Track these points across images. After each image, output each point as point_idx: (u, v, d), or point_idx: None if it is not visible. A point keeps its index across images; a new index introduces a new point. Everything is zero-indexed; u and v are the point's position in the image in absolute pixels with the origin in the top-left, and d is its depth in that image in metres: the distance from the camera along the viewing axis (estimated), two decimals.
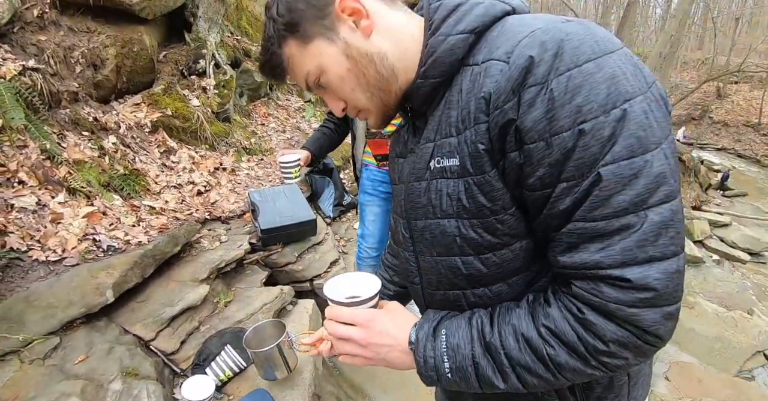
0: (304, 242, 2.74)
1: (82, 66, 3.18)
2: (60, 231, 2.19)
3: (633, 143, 0.51)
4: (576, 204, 0.54)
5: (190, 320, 2.01)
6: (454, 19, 0.65)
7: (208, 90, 3.78)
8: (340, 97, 0.73)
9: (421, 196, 0.72)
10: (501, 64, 0.57)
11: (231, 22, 4.93)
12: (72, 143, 2.71)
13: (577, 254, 0.56)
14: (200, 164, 3.28)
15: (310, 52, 0.69)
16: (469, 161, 0.62)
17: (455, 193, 0.66)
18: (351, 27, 0.67)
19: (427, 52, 0.67)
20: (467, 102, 0.62)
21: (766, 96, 19.05)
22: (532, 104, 0.54)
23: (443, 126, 0.67)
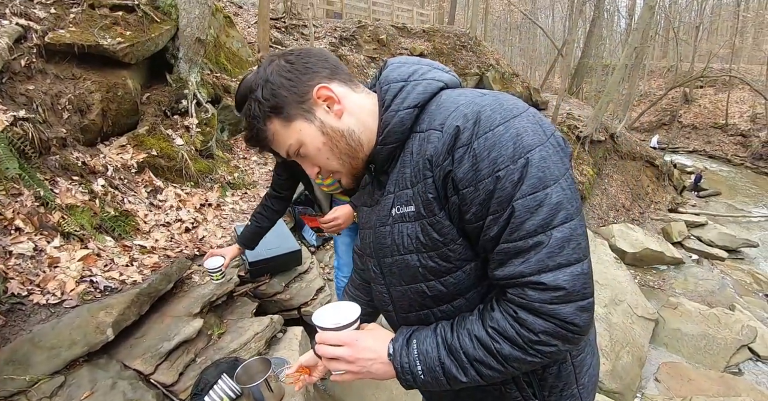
0: (290, 272, 2.88)
1: (69, 112, 3.32)
2: (58, 275, 2.31)
3: (535, 182, 0.69)
4: (500, 230, 0.72)
5: (186, 352, 2.14)
6: (401, 97, 0.82)
7: (190, 129, 3.95)
8: (316, 164, 0.89)
9: (387, 237, 0.89)
10: (437, 133, 0.75)
11: (210, 59, 5.11)
12: (64, 189, 2.84)
13: (506, 268, 0.73)
14: (186, 201, 3.43)
15: (291, 129, 0.84)
16: (423, 207, 0.79)
17: (414, 233, 0.83)
18: (325, 110, 0.84)
19: (383, 124, 0.83)
20: (417, 162, 0.79)
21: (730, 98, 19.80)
22: (461, 160, 0.72)
23: (400, 180, 0.84)
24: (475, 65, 13.17)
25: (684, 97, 21.62)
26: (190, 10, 4.26)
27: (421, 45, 12.90)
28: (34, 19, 3.44)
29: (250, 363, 1.87)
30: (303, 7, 12.62)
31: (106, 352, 2.04)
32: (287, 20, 11.01)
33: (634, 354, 4.74)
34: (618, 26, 30.74)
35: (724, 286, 7.80)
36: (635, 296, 5.69)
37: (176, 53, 4.27)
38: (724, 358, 5.30)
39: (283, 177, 2.16)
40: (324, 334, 0.88)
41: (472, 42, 13.80)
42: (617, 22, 30.21)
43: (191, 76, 4.28)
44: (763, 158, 16.89)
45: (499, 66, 13.82)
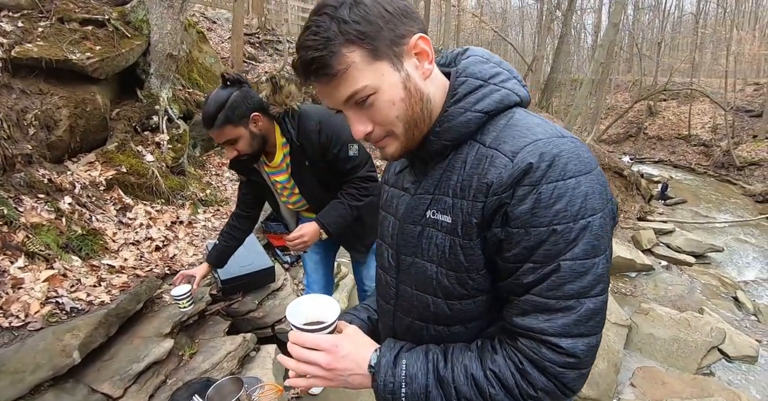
0: (264, 289, 2.86)
1: (35, 128, 3.25)
2: (22, 296, 2.24)
3: (588, 249, 0.67)
4: (536, 282, 0.69)
5: (156, 374, 2.09)
6: (475, 97, 0.76)
7: (161, 145, 3.90)
8: (376, 121, 0.76)
9: (415, 238, 0.83)
10: (506, 160, 0.70)
11: (182, 75, 5.08)
12: (29, 207, 2.77)
13: (528, 319, 0.70)
14: (157, 219, 3.37)
15: (373, 69, 0.71)
16: (460, 226, 0.74)
17: (441, 245, 0.78)
18: (415, 64, 0.74)
19: (446, 116, 0.76)
20: (470, 176, 0.74)
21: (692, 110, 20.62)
22: (523, 199, 0.67)
23: (442, 184, 0.78)
24: None
25: (649, 110, 22.41)
26: (161, 26, 4.24)
27: None
28: (0, 33, 3.37)
29: (222, 383, 1.85)
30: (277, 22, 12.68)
31: (73, 376, 1.97)
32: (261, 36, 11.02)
33: (610, 360, 4.82)
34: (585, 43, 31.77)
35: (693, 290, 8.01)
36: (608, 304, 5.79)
37: (147, 69, 4.23)
38: (696, 360, 5.42)
39: (249, 196, 2.12)
40: (300, 335, 0.82)
41: None
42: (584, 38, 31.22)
43: (163, 91, 4.24)
44: (725, 167, 17.57)
45: None
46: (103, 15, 4.01)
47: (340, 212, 1.91)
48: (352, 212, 1.93)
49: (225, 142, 1.70)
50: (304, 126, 1.79)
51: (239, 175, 2.07)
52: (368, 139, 0.79)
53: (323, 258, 2.32)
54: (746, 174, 16.64)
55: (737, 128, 18.70)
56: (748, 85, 22.12)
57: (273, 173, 1.96)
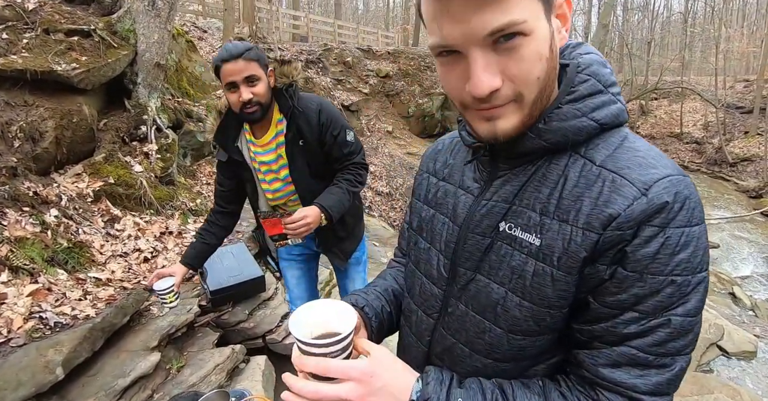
0: (254, 299, 2.82)
1: (20, 140, 3.21)
2: (4, 312, 2.20)
3: (698, 305, 0.60)
4: (639, 334, 0.60)
5: (143, 389, 2.05)
6: (593, 103, 0.64)
7: (150, 155, 3.87)
8: (511, 74, 0.57)
9: (481, 251, 0.70)
10: (635, 191, 0.58)
11: (171, 84, 5.06)
12: (13, 220, 2.73)
13: (618, 372, 0.61)
14: (146, 230, 3.33)
15: (533, 6, 0.55)
16: (558, 256, 0.62)
17: (520, 269, 0.65)
18: (558, 26, 0.61)
19: (558, 114, 0.63)
20: (577, 198, 0.62)
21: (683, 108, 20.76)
22: (648, 241, 0.57)
23: (527, 196, 0.66)
24: (440, 85, 13.38)
25: (641, 109, 22.53)
26: (148, 35, 4.22)
27: (387, 66, 13.12)
28: None
29: (209, 396, 1.81)
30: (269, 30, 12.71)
31: (56, 392, 1.93)
32: None
33: None
34: None
35: None
36: None
37: (135, 79, 4.20)
38: (695, 358, 5.41)
39: (227, 190, 1.97)
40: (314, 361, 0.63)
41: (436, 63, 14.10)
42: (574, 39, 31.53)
43: (151, 101, 4.21)
44: (717, 163, 17.65)
45: None
46: (89, 25, 3.99)
47: (339, 196, 1.81)
48: (350, 198, 1.86)
49: (246, 78, 1.62)
50: (305, 104, 1.76)
51: (221, 148, 1.86)
52: (487, 99, 0.58)
53: (305, 272, 2.21)
54: (739, 170, 16.74)
55: (729, 124, 18.82)
56: (738, 82, 22.29)
57: (260, 152, 1.83)
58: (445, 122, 13.55)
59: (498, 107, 0.60)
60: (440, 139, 0.94)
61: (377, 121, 11.83)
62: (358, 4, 42.13)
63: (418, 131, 13.12)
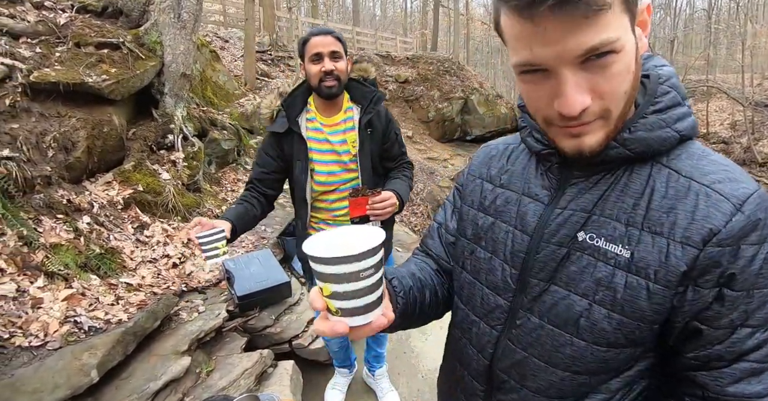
0: (280, 305, 2.84)
1: (54, 150, 3.32)
2: (41, 316, 2.27)
3: None
4: (755, 347, 0.60)
5: (174, 392, 2.08)
6: (676, 114, 0.65)
7: (177, 163, 3.96)
8: (601, 92, 0.57)
9: (556, 261, 0.69)
10: (730, 206, 0.59)
11: (196, 93, 5.18)
12: (48, 227, 2.82)
13: (742, 385, 0.61)
14: (174, 236, 3.40)
15: (623, 22, 0.55)
16: (655, 270, 0.61)
17: (609, 281, 0.64)
18: (639, 35, 0.60)
19: (644, 124, 0.64)
20: (669, 210, 0.61)
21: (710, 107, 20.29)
22: (751, 259, 0.58)
23: (609, 206, 0.65)
24: (459, 89, 13.41)
25: None
26: (175, 47, 4.33)
27: (406, 72, 13.17)
28: (20, 59, 3.48)
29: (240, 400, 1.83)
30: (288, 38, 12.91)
31: (91, 395, 1.97)
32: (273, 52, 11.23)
33: None
34: None
35: None
36: None
37: (162, 89, 4.32)
38: None
39: (268, 170, 1.85)
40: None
41: (455, 67, 14.10)
42: None
43: (177, 110, 4.32)
44: (746, 163, 17.16)
45: (483, 89, 14.08)
46: (118, 38, 4.12)
47: (405, 187, 1.88)
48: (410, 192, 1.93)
49: (332, 52, 1.71)
50: (378, 97, 1.85)
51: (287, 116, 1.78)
52: (578, 117, 0.58)
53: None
54: None
55: (757, 123, 18.31)
56: (765, 79, 21.75)
57: (330, 131, 1.82)
58: (465, 126, 13.50)
59: (586, 124, 0.60)
60: (491, 145, 0.92)
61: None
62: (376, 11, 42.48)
63: (438, 135, 13.11)
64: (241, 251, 3.55)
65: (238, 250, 3.56)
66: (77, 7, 4.40)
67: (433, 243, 0.95)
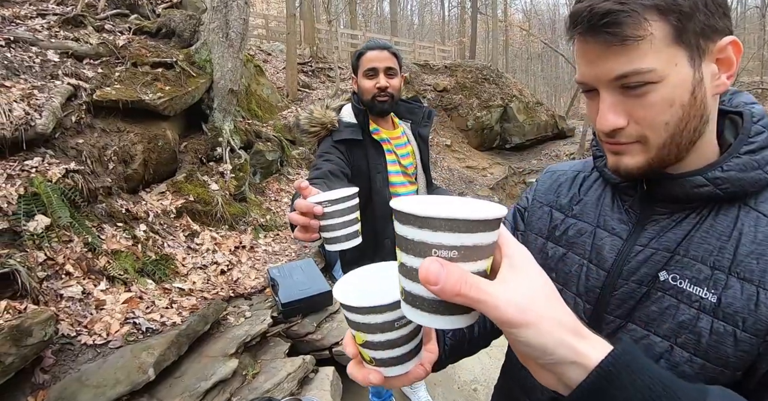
0: (322, 312, 2.96)
1: (114, 163, 3.58)
2: (104, 317, 2.46)
3: None
4: None
5: (222, 392, 2.21)
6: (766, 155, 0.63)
7: (225, 174, 4.17)
8: (637, 117, 0.60)
9: (635, 299, 0.66)
10: None
11: (242, 107, 5.42)
12: (109, 235, 3.04)
13: None
14: (222, 244, 3.59)
15: (670, 53, 0.56)
16: (743, 317, 0.59)
17: (692, 325, 0.61)
18: (714, 72, 0.60)
19: (738, 164, 0.62)
20: (760, 256, 0.60)
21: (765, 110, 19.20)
22: None
23: (694, 247, 0.63)
24: (498, 97, 13.32)
25: None
26: (223, 64, 4.58)
27: (444, 80, 13.19)
28: (83, 79, 3.78)
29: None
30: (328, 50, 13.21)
31: (147, 391, 2.13)
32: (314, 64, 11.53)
33: None
34: None
35: None
36: None
37: (211, 104, 4.56)
38: None
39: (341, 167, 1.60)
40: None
41: (494, 74, 14.01)
42: None
43: (225, 124, 4.55)
44: None
45: (523, 96, 13.93)
46: (171, 58, 4.40)
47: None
48: None
49: (387, 68, 1.67)
50: (430, 112, 1.90)
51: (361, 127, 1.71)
52: (612, 135, 0.61)
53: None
54: None
55: None
56: None
57: (398, 144, 1.81)
58: (504, 134, 13.37)
59: (622, 145, 0.62)
60: (557, 170, 0.88)
61: (435, 134, 11.88)
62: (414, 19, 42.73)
63: (476, 144, 13.04)
64: (284, 259, 3.69)
65: (281, 258, 3.71)
66: (134, 29, 4.73)
67: None
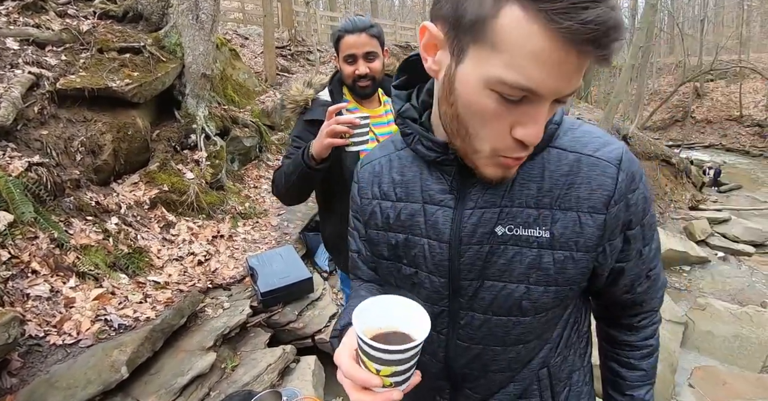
0: (303, 300, 2.90)
1: (82, 154, 3.43)
2: (74, 315, 2.37)
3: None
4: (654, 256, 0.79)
5: (200, 387, 2.16)
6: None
7: (200, 162, 4.04)
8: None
9: (482, 259, 0.71)
10: (614, 169, 0.68)
11: (217, 92, 5.25)
12: (78, 229, 2.93)
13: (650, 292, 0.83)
14: (198, 234, 3.49)
15: None
16: (575, 240, 0.68)
17: (536, 262, 0.69)
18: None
19: None
20: (569, 186, 0.68)
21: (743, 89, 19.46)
22: (636, 203, 0.70)
23: (516, 195, 0.69)
24: None
25: (695, 92, 21.32)
26: (194, 48, 4.40)
27: None
28: (46, 67, 3.59)
29: (262, 396, 1.88)
30: (307, 33, 12.91)
31: (121, 390, 2.06)
32: (292, 47, 11.25)
33: (665, 360, 4.59)
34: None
35: (754, 282, 7.53)
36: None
37: (183, 90, 4.40)
38: (760, 358, 5.08)
39: None
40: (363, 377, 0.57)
41: None
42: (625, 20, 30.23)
43: (199, 110, 4.39)
44: None
45: None
46: (139, 42, 4.21)
47: None
48: None
49: (366, 53, 1.63)
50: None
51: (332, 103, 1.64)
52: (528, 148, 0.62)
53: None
54: None
55: None
56: None
57: (376, 124, 1.72)
58: None
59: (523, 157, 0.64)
60: (371, 160, 0.87)
61: None
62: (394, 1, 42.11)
63: None
64: (264, 247, 3.61)
65: (261, 246, 3.63)
66: (99, 14, 4.51)
67: (364, 271, 0.92)
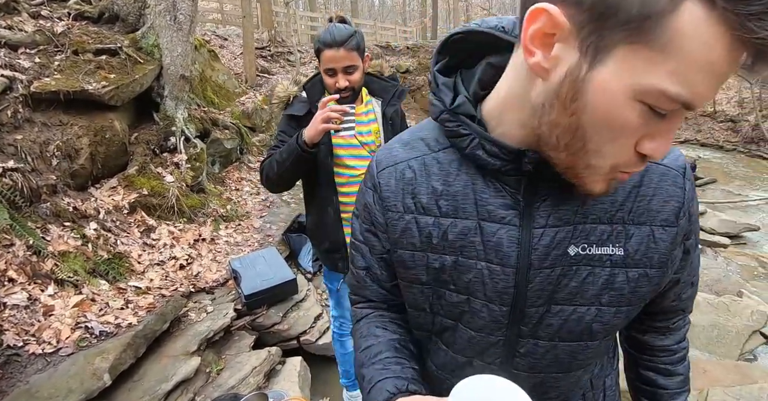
0: (287, 302, 2.89)
1: (58, 158, 3.36)
2: (53, 323, 2.32)
3: None
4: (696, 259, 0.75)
5: (185, 392, 2.13)
6: None
7: (180, 165, 3.99)
8: None
9: (553, 284, 0.63)
10: (680, 177, 0.64)
11: (196, 94, 5.19)
12: (56, 236, 2.87)
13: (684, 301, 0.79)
14: (180, 238, 3.45)
15: None
16: (649, 256, 0.63)
17: (611, 282, 0.63)
18: None
19: None
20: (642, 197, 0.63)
21: None
22: (695, 213, 0.67)
23: (590, 210, 0.62)
24: None
25: None
26: (172, 49, 4.34)
27: (407, 62, 13.08)
28: (19, 70, 3.50)
29: (248, 399, 1.87)
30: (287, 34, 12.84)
31: (104, 398, 2.03)
32: (272, 48, 11.18)
33: None
34: None
35: (730, 273, 7.76)
36: None
37: (161, 92, 4.34)
38: (738, 346, 5.21)
39: None
40: None
41: None
42: None
43: (178, 113, 4.34)
44: (755, 142, 16.83)
45: None
46: (116, 44, 4.13)
47: None
48: None
49: (345, 67, 1.65)
50: (401, 91, 1.86)
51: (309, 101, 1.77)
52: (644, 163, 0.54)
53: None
54: None
55: (765, 100, 17.99)
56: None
57: (358, 122, 1.79)
58: None
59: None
60: (391, 162, 0.72)
61: None
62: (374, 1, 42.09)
63: None
64: (246, 250, 3.59)
65: (243, 249, 3.60)
66: (74, 15, 4.42)
67: (373, 291, 0.81)
